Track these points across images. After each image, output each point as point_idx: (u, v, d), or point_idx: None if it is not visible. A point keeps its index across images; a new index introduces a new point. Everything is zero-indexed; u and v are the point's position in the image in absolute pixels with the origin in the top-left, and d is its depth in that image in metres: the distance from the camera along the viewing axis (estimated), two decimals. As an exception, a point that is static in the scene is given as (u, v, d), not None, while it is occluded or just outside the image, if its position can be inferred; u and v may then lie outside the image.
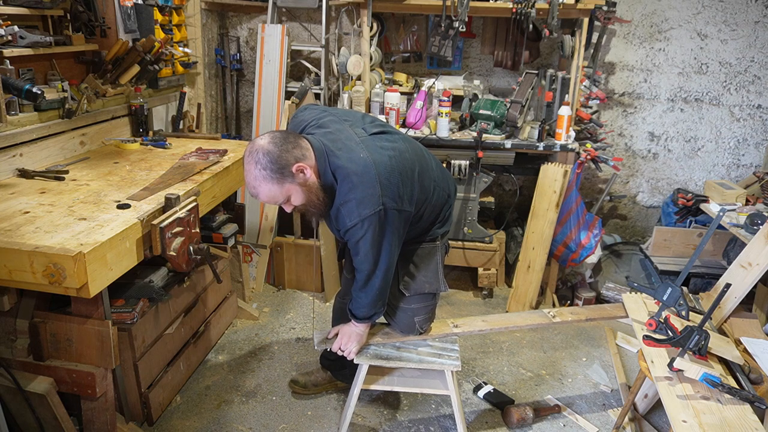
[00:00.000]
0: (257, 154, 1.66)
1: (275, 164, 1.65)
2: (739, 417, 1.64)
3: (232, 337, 2.91)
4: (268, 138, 1.70)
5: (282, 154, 1.66)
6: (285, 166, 1.66)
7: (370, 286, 1.86)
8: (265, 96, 3.58)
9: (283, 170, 1.66)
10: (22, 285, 1.64)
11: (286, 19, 3.74)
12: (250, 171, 1.68)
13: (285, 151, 1.67)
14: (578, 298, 3.31)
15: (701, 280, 2.90)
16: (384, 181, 1.69)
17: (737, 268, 2.30)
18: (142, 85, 2.87)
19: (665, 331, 1.94)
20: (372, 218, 1.70)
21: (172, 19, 3.09)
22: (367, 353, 2.06)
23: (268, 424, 2.33)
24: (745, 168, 3.72)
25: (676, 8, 3.44)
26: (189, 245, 1.98)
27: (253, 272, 3.38)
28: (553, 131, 3.11)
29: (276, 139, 1.69)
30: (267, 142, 1.68)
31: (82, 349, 1.89)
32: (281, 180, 1.67)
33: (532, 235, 3.13)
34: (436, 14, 3.22)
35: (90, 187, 2.07)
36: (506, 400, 2.48)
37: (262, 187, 1.69)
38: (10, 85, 2.03)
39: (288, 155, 1.67)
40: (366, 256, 1.78)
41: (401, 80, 3.52)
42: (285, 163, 1.66)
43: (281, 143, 1.68)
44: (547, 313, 2.26)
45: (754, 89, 3.54)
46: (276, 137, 1.70)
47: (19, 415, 1.92)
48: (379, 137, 1.83)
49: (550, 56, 3.63)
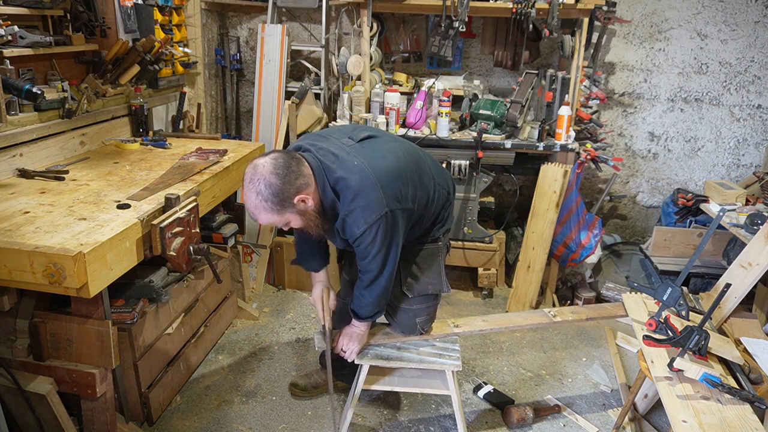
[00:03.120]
0: (259, 183, 1.59)
1: (277, 197, 1.60)
2: (739, 417, 1.64)
3: (232, 337, 2.91)
4: (270, 166, 1.61)
5: (284, 187, 1.60)
6: (287, 198, 1.62)
7: (375, 286, 1.86)
8: (265, 96, 3.58)
9: (284, 202, 1.62)
10: (22, 285, 1.64)
11: (286, 19, 3.74)
12: (251, 198, 1.62)
13: (288, 182, 1.61)
14: (578, 298, 3.31)
15: (701, 280, 2.90)
16: (384, 183, 1.69)
17: (737, 268, 2.30)
18: (142, 85, 2.87)
19: (665, 331, 1.94)
20: (379, 222, 1.69)
21: (172, 19, 3.09)
22: (368, 354, 2.06)
23: (268, 424, 2.33)
24: (745, 168, 3.72)
25: (676, 8, 3.44)
26: (189, 245, 1.98)
27: (253, 272, 3.38)
28: (553, 131, 3.11)
29: (279, 168, 1.61)
30: (269, 171, 1.60)
31: (82, 349, 1.89)
32: (282, 211, 1.64)
33: (532, 235, 3.13)
34: (436, 14, 3.22)
35: (90, 187, 2.07)
36: (506, 400, 2.48)
37: (262, 216, 1.65)
38: (10, 85, 2.03)
39: (290, 187, 1.61)
40: (374, 259, 1.78)
41: (401, 80, 3.52)
42: (287, 196, 1.61)
43: (284, 173, 1.60)
44: (547, 312, 2.26)
45: (754, 89, 3.54)
46: (279, 165, 1.61)
47: (19, 415, 1.92)
48: (369, 142, 1.81)
49: (550, 56, 3.63)
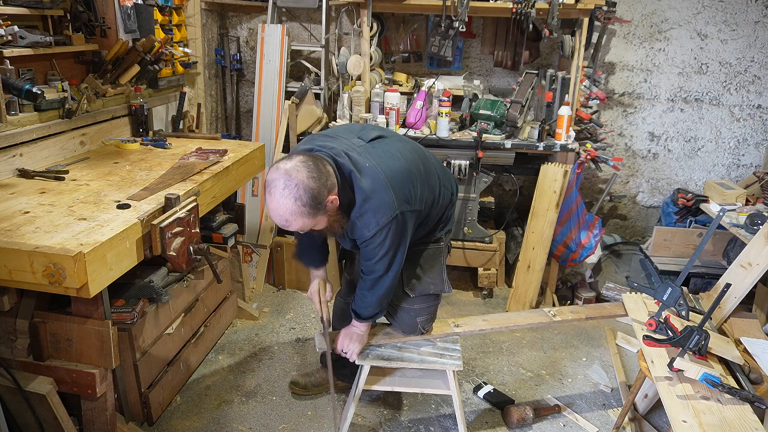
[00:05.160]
0: (298, 189, 1.55)
1: (315, 200, 1.58)
2: (739, 417, 1.64)
3: (232, 337, 2.91)
4: (306, 170, 1.57)
5: (321, 190, 1.59)
6: (322, 201, 1.61)
7: (378, 287, 1.86)
8: (265, 96, 3.58)
9: (319, 205, 1.60)
10: (22, 285, 1.64)
11: (286, 19, 3.74)
12: (286, 205, 1.57)
13: (323, 185, 1.59)
14: (578, 298, 3.31)
15: (701, 280, 2.90)
16: (395, 186, 1.69)
17: (737, 268, 2.31)
18: (142, 85, 2.87)
19: (665, 331, 1.94)
20: (390, 225, 1.69)
21: (172, 19, 3.09)
22: (369, 354, 2.06)
23: (268, 424, 2.33)
24: (745, 168, 3.72)
25: (676, 8, 3.44)
26: (189, 245, 1.98)
27: (253, 272, 3.38)
28: (553, 131, 3.11)
29: (313, 171, 1.58)
30: (306, 176, 1.57)
31: (82, 349, 1.89)
32: (316, 214, 1.62)
33: (532, 235, 3.13)
34: (436, 14, 3.22)
35: (90, 187, 2.07)
36: (506, 400, 2.48)
37: (298, 221, 1.61)
38: (10, 85, 2.03)
39: (325, 189, 1.60)
40: (381, 260, 1.78)
41: (401, 80, 3.52)
42: (323, 198, 1.60)
43: (318, 175, 1.59)
44: (547, 312, 2.26)
45: (754, 89, 3.54)
46: (312, 168, 1.59)
47: (19, 415, 1.92)
48: (378, 142, 1.81)
49: (550, 56, 3.63)
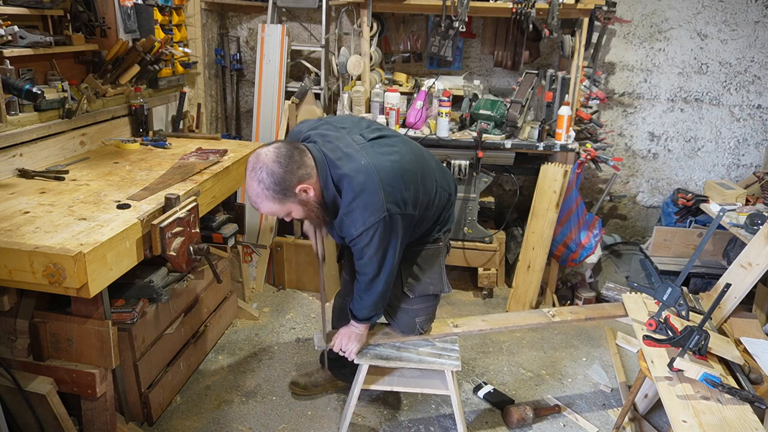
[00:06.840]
0: (261, 172, 1.62)
1: (278, 186, 1.63)
2: (739, 417, 1.64)
3: (232, 337, 2.91)
4: (273, 155, 1.63)
5: (286, 176, 1.62)
6: (288, 187, 1.64)
7: (372, 289, 1.86)
8: (265, 96, 3.58)
9: (285, 191, 1.64)
10: (22, 285, 1.64)
11: (286, 19, 3.74)
12: (253, 187, 1.65)
13: (289, 172, 1.63)
14: (578, 298, 3.31)
15: (701, 280, 2.90)
16: (387, 187, 1.69)
17: (737, 268, 2.30)
18: (142, 85, 2.87)
19: (665, 331, 1.94)
20: (377, 225, 1.69)
21: (172, 19, 3.09)
22: (367, 353, 2.06)
23: (268, 424, 2.33)
24: (745, 168, 3.72)
25: (676, 8, 3.44)
26: (189, 245, 1.98)
27: (253, 272, 3.38)
28: (553, 131, 3.11)
29: (281, 157, 1.63)
30: (272, 160, 1.62)
31: (82, 349, 1.89)
32: (283, 200, 1.66)
33: (532, 235, 3.13)
34: (436, 14, 3.22)
35: (90, 187, 2.07)
36: (506, 400, 2.48)
37: (264, 204, 1.68)
38: (10, 85, 2.03)
39: (292, 177, 1.63)
40: (370, 261, 1.78)
41: (401, 80, 3.52)
42: (288, 185, 1.64)
43: (286, 162, 1.63)
44: (546, 312, 2.26)
45: (754, 89, 3.54)
46: (281, 154, 1.64)
47: (19, 415, 1.92)
48: (378, 142, 1.82)
49: (550, 56, 3.63)
